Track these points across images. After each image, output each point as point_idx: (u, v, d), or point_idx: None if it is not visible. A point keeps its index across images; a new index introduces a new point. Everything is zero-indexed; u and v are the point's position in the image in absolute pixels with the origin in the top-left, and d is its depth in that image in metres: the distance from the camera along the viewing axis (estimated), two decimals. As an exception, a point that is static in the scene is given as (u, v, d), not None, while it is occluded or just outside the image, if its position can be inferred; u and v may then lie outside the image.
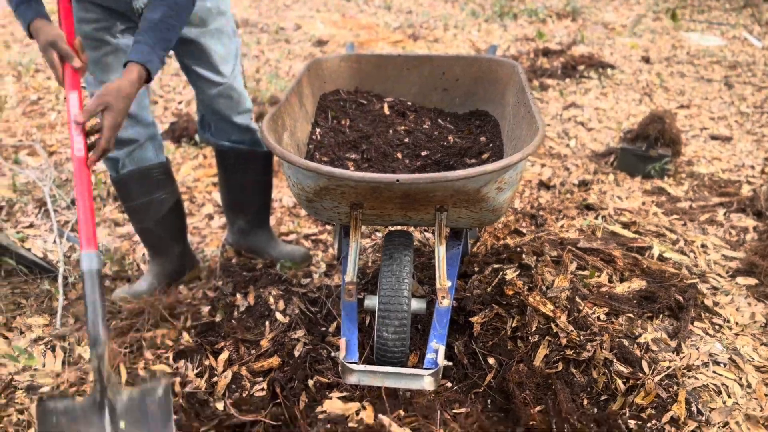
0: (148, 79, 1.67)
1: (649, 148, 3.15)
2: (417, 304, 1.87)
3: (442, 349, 1.76)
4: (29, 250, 2.42)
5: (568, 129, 3.79)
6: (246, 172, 2.32)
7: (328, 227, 2.82)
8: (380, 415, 1.62)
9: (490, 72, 2.48)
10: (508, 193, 1.77)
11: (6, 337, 2.04)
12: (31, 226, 2.70)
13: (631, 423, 1.68)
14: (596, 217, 2.71)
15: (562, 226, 2.66)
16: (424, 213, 1.81)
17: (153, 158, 2.12)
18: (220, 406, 1.81)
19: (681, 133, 3.38)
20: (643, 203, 2.89)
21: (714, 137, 3.63)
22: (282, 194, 3.08)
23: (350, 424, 1.69)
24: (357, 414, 1.72)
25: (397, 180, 1.50)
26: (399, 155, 2.21)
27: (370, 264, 2.51)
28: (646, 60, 5.00)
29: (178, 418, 1.67)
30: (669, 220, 2.75)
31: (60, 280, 2.22)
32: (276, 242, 2.56)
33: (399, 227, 2.28)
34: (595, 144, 3.58)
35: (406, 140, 2.30)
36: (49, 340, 2.03)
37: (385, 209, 1.80)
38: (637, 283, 2.22)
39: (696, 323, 2.10)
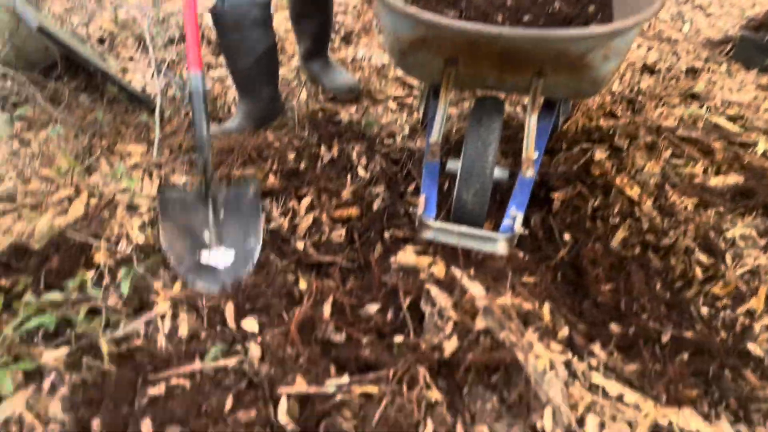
0: None
1: (773, 39, 2.87)
2: (499, 172, 1.86)
3: (520, 216, 1.76)
4: (129, 82, 2.51)
5: (683, 12, 3.48)
6: None
7: (416, 92, 2.78)
8: (452, 267, 1.67)
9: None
10: (613, 63, 1.67)
11: (108, 160, 2.18)
12: (131, 59, 2.79)
13: (704, 310, 1.67)
14: (700, 107, 2.54)
15: (661, 114, 2.52)
16: (520, 77, 1.74)
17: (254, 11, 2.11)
18: (300, 245, 1.91)
19: (814, 26, 3.04)
20: (755, 98, 2.68)
21: None
22: (371, 53, 3.03)
23: (422, 276, 1.75)
24: (429, 267, 1.77)
25: (500, 33, 1.44)
26: (499, 18, 2.10)
27: (453, 132, 2.49)
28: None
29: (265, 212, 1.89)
30: (781, 118, 2.55)
31: (157, 113, 2.32)
32: (329, 71, 2.67)
33: (491, 93, 2.22)
34: (711, 30, 3.28)
35: (509, 3, 2.17)
36: (146, 167, 2.16)
37: (480, 69, 1.74)
38: (734, 178, 2.11)
39: (790, 225, 2.00)
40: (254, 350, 1.49)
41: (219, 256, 1.75)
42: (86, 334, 1.53)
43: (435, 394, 1.41)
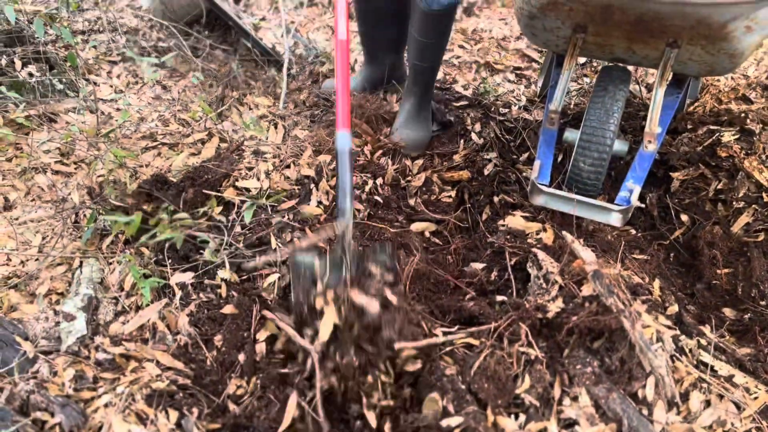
0: None
1: None
2: (619, 145, 1.82)
3: (637, 189, 1.73)
4: (261, 39, 2.66)
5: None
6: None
7: (535, 65, 2.76)
8: (564, 232, 1.67)
9: None
10: (756, 37, 1.59)
11: (239, 109, 2.34)
12: (263, 19, 2.95)
13: (831, 303, 1.58)
14: None
15: (801, 102, 2.36)
16: (651, 48, 1.70)
17: None
18: (411, 201, 1.97)
19: None
20: None
21: None
22: (492, 25, 3.02)
23: (529, 240, 1.76)
24: (537, 233, 1.78)
25: (638, -4, 1.41)
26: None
27: (572, 105, 2.45)
28: None
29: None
30: None
31: (285, 69, 2.44)
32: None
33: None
34: None
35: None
36: (272, 119, 2.29)
37: (609, 37, 1.72)
38: None
39: None
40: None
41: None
42: (211, 262, 1.67)
43: (535, 352, 1.43)
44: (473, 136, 2.25)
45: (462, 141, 2.24)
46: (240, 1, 3.06)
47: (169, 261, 1.70)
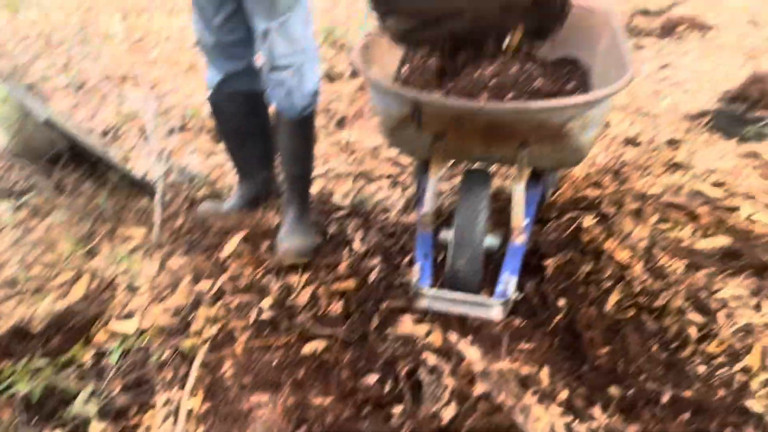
0: None
1: (747, 110, 3.00)
2: (491, 240, 1.90)
3: (513, 281, 1.80)
4: (131, 169, 2.61)
5: (662, 89, 3.65)
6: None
7: (408, 169, 2.88)
8: (449, 332, 1.69)
9: (583, 19, 2.42)
10: (592, 132, 1.76)
11: (110, 244, 2.24)
12: (133, 149, 2.91)
13: (700, 369, 1.67)
14: (683, 176, 2.63)
15: (645, 183, 2.60)
16: (506, 148, 1.83)
17: (247, 86, 2.23)
18: (298, 319, 1.93)
19: (785, 97, 3.19)
20: (736, 165, 2.77)
21: (822, 105, 3.40)
22: (364, 136, 3.15)
23: (419, 345, 1.76)
24: (426, 336, 1.79)
25: (482, 107, 1.53)
26: (484, 96, 2.22)
27: (446, 205, 2.56)
28: (754, 23, 4.69)
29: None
30: (762, 184, 2.63)
31: (158, 197, 2.39)
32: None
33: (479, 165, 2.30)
34: (689, 105, 3.43)
35: (492, 83, 2.30)
36: (146, 249, 2.21)
37: (467, 142, 1.83)
38: (721, 240, 2.16)
39: (781, 284, 2.03)
40: None
41: None
42: (79, 415, 1.52)
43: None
44: (356, 244, 2.28)
45: (345, 250, 2.26)
46: (108, 134, 3.01)
47: (36, 420, 1.54)
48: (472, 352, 1.55)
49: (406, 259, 2.21)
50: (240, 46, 2.13)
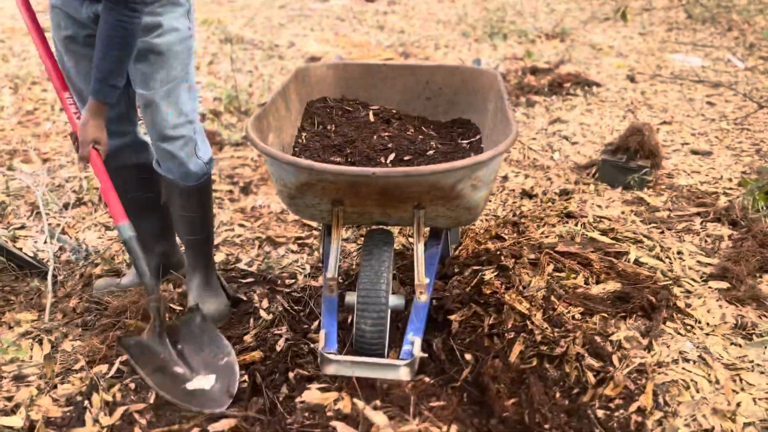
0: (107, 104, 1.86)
1: (629, 160, 3.24)
2: (395, 300, 1.92)
3: (418, 341, 1.81)
4: (20, 249, 2.47)
5: (552, 143, 3.88)
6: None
7: (315, 232, 2.89)
8: (356, 401, 1.67)
9: (471, 81, 2.57)
10: (483, 191, 1.84)
11: (-5, 331, 2.09)
12: (22, 227, 2.76)
13: (600, 413, 1.73)
14: (576, 224, 2.78)
15: (542, 233, 2.73)
16: (402, 211, 1.88)
17: (134, 160, 2.18)
18: (202, 397, 1.86)
19: (662, 146, 3.47)
20: (622, 212, 2.97)
21: (694, 152, 3.72)
22: (269, 200, 3.14)
23: (328, 413, 1.73)
24: (335, 403, 1.77)
25: (373, 173, 1.57)
26: (382, 159, 2.28)
27: (354, 266, 2.57)
28: (632, 79, 5.12)
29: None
30: (647, 228, 2.82)
31: (50, 277, 2.27)
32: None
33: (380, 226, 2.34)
34: (578, 156, 3.67)
35: (390, 145, 2.37)
36: (36, 334, 2.08)
37: (365, 206, 1.87)
38: (612, 285, 2.29)
39: (668, 323, 2.16)
40: None
41: (202, 382, 1.86)
42: None
43: None
44: (262, 312, 2.24)
45: (251, 320, 2.22)
46: (-6, 212, 2.85)
47: None
48: (378, 418, 1.54)
49: (315, 324, 2.19)
50: (120, 121, 2.10)
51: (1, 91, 4.54)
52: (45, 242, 2.60)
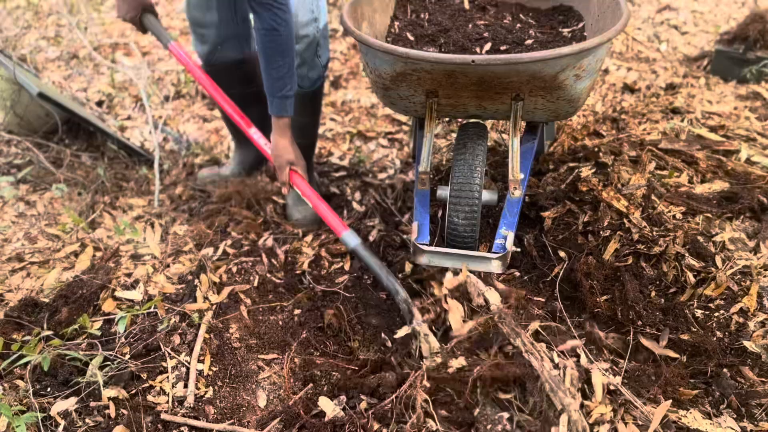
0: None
1: (747, 50, 2.96)
2: (488, 195, 1.91)
3: (511, 235, 1.81)
4: (128, 139, 2.61)
5: (659, 32, 3.59)
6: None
7: (405, 127, 2.87)
8: (468, 274, 1.71)
9: (576, -36, 2.37)
10: (587, 81, 1.74)
11: (111, 215, 2.25)
12: (128, 118, 2.90)
13: (698, 312, 1.70)
14: (682, 120, 2.61)
15: (644, 130, 2.59)
16: (499, 102, 1.82)
17: (237, 53, 2.20)
18: (305, 279, 1.96)
19: (786, 35, 3.14)
20: (735, 108, 2.75)
21: (824, 42, 3.34)
22: (359, 95, 3.13)
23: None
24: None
25: (473, 61, 1.52)
26: (478, 49, 2.19)
27: (444, 162, 2.56)
28: (756, -41, 4.58)
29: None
30: (762, 125, 2.61)
31: (156, 166, 2.40)
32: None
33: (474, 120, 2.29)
34: (688, 48, 3.39)
35: (486, 34, 2.27)
36: (148, 218, 2.23)
37: (460, 98, 1.82)
38: (719, 185, 2.16)
39: (779, 226, 2.03)
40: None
41: None
42: (92, 382, 1.57)
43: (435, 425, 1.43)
44: (354, 205, 2.29)
45: (345, 211, 2.27)
46: (103, 104, 3.00)
47: (49, 389, 1.58)
48: (491, 295, 1.59)
49: (406, 217, 2.23)
50: (214, 26, 2.10)
51: (98, -14, 4.64)
52: (150, 133, 2.72)
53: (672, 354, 1.60)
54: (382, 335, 1.76)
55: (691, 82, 2.98)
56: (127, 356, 1.64)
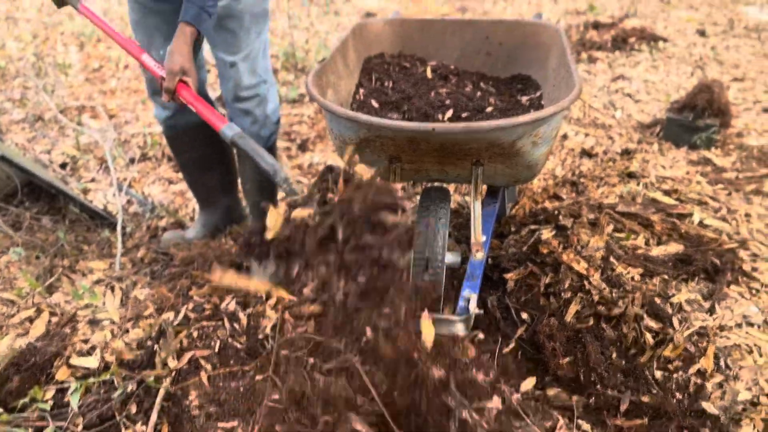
0: (200, 34, 1.78)
1: (696, 118, 3.11)
2: (451, 257, 1.93)
3: (474, 297, 1.82)
4: (91, 201, 2.59)
5: (614, 100, 3.76)
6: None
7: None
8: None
9: (533, 36, 2.49)
10: (544, 148, 1.81)
11: (70, 278, 2.21)
12: (92, 180, 2.88)
13: (658, 374, 1.72)
14: (637, 184, 2.71)
15: (602, 193, 2.67)
16: (460, 167, 1.87)
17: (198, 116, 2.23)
18: (268, 343, 1.93)
19: (732, 104, 3.32)
20: (687, 172, 2.87)
21: (767, 110, 3.54)
22: (326, 157, 3.17)
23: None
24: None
25: (433, 129, 1.56)
26: (440, 116, 2.26)
27: (410, 223, 2.58)
28: (702, 33, 4.87)
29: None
30: (713, 189, 2.72)
31: (119, 228, 2.38)
32: None
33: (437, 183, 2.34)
34: (641, 115, 3.55)
35: (448, 102, 2.34)
36: (108, 282, 2.19)
37: (422, 163, 1.87)
38: (674, 247, 2.23)
39: (732, 287, 2.10)
40: None
41: None
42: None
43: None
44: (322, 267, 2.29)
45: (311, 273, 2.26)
46: (66, 166, 2.98)
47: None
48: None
49: (371, 280, 2.23)
50: None
51: (68, 49, 4.68)
52: (114, 195, 2.71)
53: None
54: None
55: (645, 148, 3.11)
56: (80, 427, 1.58)
